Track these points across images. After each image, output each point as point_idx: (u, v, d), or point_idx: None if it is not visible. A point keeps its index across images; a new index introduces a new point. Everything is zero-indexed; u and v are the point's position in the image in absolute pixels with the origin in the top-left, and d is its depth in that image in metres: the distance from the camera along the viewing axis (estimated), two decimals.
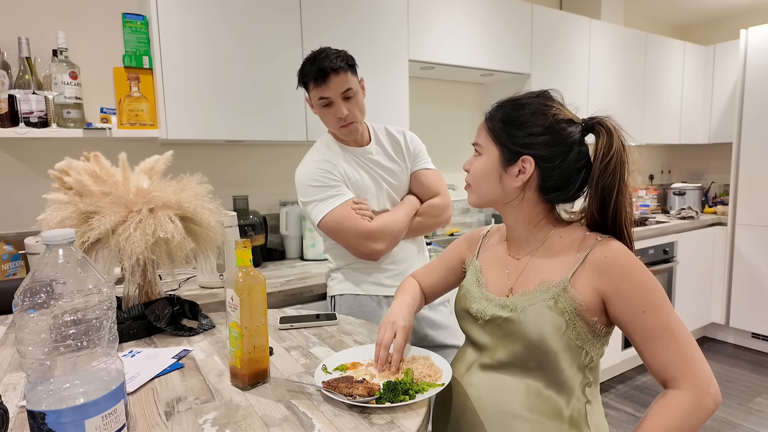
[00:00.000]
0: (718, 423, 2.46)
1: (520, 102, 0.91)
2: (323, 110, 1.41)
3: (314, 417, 0.78)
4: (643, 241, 2.98)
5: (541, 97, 0.91)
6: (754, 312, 3.29)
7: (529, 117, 0.89)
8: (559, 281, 0.87)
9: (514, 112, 0.90)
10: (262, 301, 0.89)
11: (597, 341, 0.87)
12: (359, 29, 2.11)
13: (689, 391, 0.78)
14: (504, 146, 0.90)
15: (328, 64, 1.34)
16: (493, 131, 0.91)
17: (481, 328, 0.95)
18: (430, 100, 2.85)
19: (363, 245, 1.39)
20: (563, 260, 0.89)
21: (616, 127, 0.88)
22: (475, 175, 0.95)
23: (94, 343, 0.68)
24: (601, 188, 0.86)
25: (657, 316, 0.80)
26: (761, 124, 3.20)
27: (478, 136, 0.96)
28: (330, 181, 1.41)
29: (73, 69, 1.69)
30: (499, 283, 0.97)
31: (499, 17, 2.59)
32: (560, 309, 0.85)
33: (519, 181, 0.90)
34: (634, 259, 0.84)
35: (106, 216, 1.09)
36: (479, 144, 0.95)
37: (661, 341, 0.80)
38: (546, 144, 0.87)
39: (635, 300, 0.81)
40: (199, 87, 1.78)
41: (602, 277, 0.84)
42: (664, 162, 4.36)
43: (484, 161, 0.93)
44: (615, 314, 0.84)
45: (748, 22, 3.93)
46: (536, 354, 0.86)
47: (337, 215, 1.37)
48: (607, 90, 3.20)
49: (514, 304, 0.89)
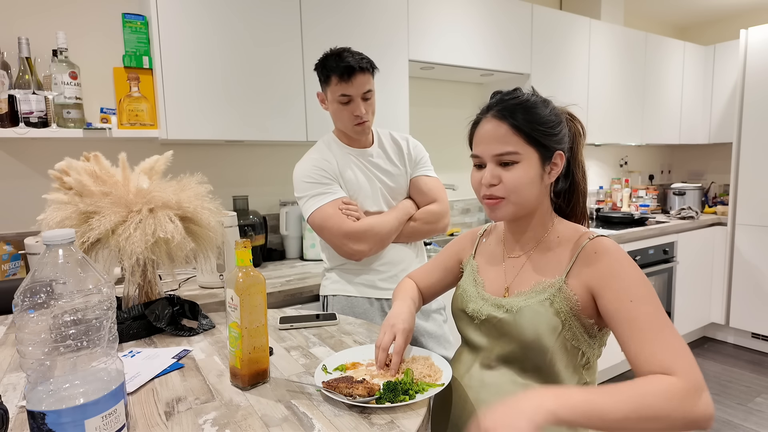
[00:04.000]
0: (718, 423, 2.46)
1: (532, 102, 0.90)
2: (341, 107, 1.41)
3: (314, 417, 0.78)
4: (643, 241, 2.97)
5: (536, 94, 0.93)
6: (754, 312, 3.29)
7: (551, 113, 0.90)
8: (554, 281, 0.87)
9: (538, 111, 0.89)
10: (262, 301, 0.89)
11: (593, 342, 0.87)
12: (360, 29, 2.11)
13: (680, 379, 0.70)
14: (542, 147, 0.88)
15: (356, 62, 1.35)
16: (531, 134, 0.87)
17: (477, 328, 0.95)
18: (430, 100, 2.85)
19: (345, 245, 1.40)
20: (558, 259, 0.90)
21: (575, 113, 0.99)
22: (518, 185, 0.87)
23: (94, 343, 0.68)
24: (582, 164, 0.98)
25: (645, 307, 0.77)
26: (761, 124, 3.20)
27: (503, 146, 0.87)
28: (323, 178, 1.43)
29: (73, 69, 1.69)
30: (496, 283, 0.97)
31: (499, 17, 2.59)
32: (556, 309, 0.85)
33: (553, 176, 0.92)
34: (622, 254, 0.84)
35: (106, 216, 1.09)
36: (515, 152, 0.87)
37: (648, 333, 0.75)
38: (566, 137, 0.92)
39: (622, 291, 0.80)
40: (199, 87, 1.78)
41: (591, 271, 0.84)
42: (664, 162, 4.36)
43: (526, 167, 0.87)
44: (603, 307, 0.82)
45: (748, 22, 3.93)
46: (532, 354, 0.86)
47: (323, 212, 1.40)
48: (606, 90, 3.20)
49: (510, 305, 0.89)
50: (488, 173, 0.89)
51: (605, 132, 3.23)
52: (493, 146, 0.88)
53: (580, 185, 0.99)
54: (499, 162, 0.88)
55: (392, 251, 1.50)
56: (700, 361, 3.21)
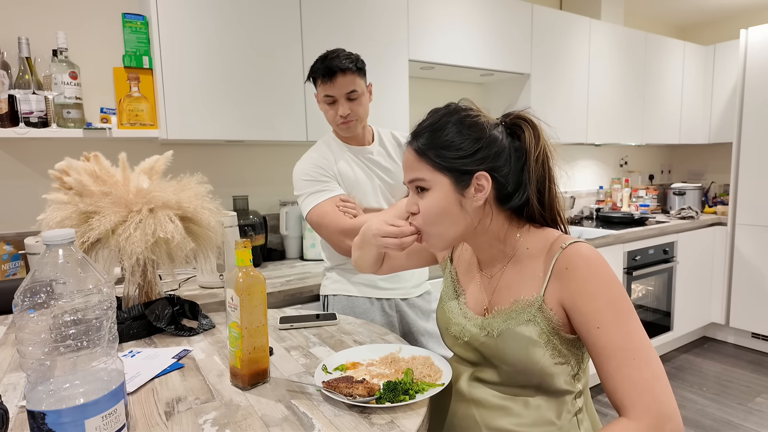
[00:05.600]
0: (718, 423, 2.46)
1: (442, 122, 0.85)
2: (326, 107, 1.46)
3: (314, 417, 0.78)
4: (643, 241, 2.97)
5: (457, 112, 0.86)
6: (754, 312, 3.29)
7: (465, 132, 0.84)
8: (532, 300, 0.83)
9: (446, 133, 0.84)
10: (262, 302, 0.89)
11: (580, 353, 0.85)
12: (359, 30, 2.11)
13: (635, 423, 0.70)
14: (454, 171, 0.83)
15: (337, 63, 1.38)
16: (435, 160, 0.83)
17: (463, 347, 0.93)
18: (430, 100, 2.85)
19: (341, 241, 1.41)
20: (533, 274, 0.85)
21: (537, 118, 0.88)
22: (431, 214, 0.85)
23: (94, 343, 0.68)
24: (537, 180, 0.86)
25: (610, 335, 0.74)
26: (761, 124, 3.20)
27: (412, 172, 0.86)
28: (321, 176, 1.45)
29: (73, 69, 1.69)
30: (475, 299, 0.94)
31: (499, 17, 2.59)
32: (538, 331, 0.81)
33: (480, 199, 0.84)
34: (596, 268, 0.78)
35: (106, 216, 1.09)
36: (422, 179, 0.85)
37: (612, 362, 0.73)
38: (494, 153, 0.84)
39: (589, 314, 0.76)
40: (200, 87, 1.78)
41: (563, 288, 0.80)
42: (664, 162, 4.36)
43: (437, 194, 0.84)
44: (575, 327, 0.80)
45: (748, 22, 3.93)
46: (519, 376, 0.84)
47: (321, 210, 1.42)
48: (606, 90, 3.20)
49: (491, 326, 0.86)
50: (409, 200, 0.89)
51: (605, 132, 3.23)
52: (406, 173, 0.88)
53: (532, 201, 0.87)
54: (415, 189, 0.88)
55: None
56: (700, 360, 3.21)
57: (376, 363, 0.97)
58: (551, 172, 0.87)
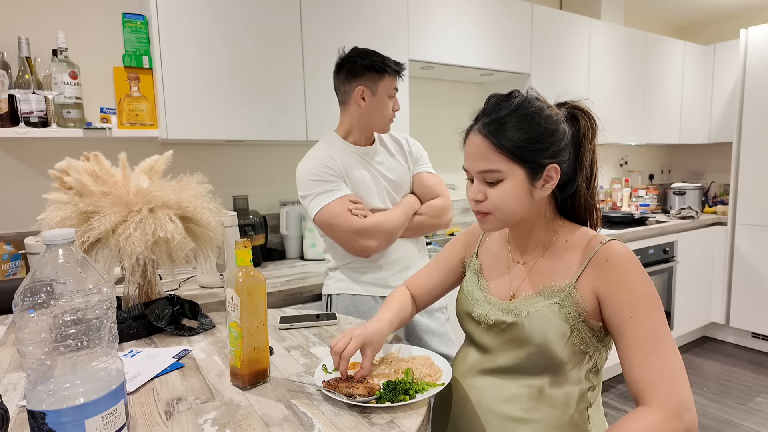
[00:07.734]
0: (718, 423, 2.46)
1: (524, 113, 0.85)
2: (388, 101, 1.48)
3: (314, 417, 0.78)
4: (643, 241, 2.97)
5: (530, 103, 0.87)
6: (754, 312, 3.29)
7: (546, 123, 0.85)
8: (563, 285, 0.86)
9: (527, 124, 0.84)
10: (262, 301, 0.89)
11: (601, 346, 0.87)
12: (359, 29, 2.11)
13: (657, 410, 0.73)
14: (529, 163, 0.84)
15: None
16: (513, 152, 0.84)
17: (484, 332, 0.94)
18: (430, 100, 2.85)
19: (355, 241, 1.40)
20: (568, 264, 0.88)
21: (589, 107, 0.93)
22: (503, 202, 0.86)
23: (94, 343, 0.68)
24: (588, 168, 0.91)
25: (643, 325, 0.78)
26: (761, 123, 3.20)
27: (485, 162, 0.85)
28: (328, 176, 1.42)
29: (73, 69, 1.69)
30: (501, 287, 0.96)
31: (499, 17, 2.59)
32: (565, 314, 0.84)
33: (548, 189, 0.87)
34: (635, 263, 0.83)
35: (106, 216, 1.09)
36: (498, 170, 0.85)
37: (641, 351, 0.77)
38: (563, 146, 0.87)
39: (625, 304, 0.80)
40: (200, 87, 1.78)
41: (600, 278, 0.83)
42: (664, 162, 4.36)
43: (511, 185, 0.85)
44: (606, 317, 0.83)
45: (748, 22, 3.93)
46: (540, 359, 0.86)
47: (331, 210, 1.39)
48: (607, 90, 3.20)
49: (518, 309, 0.88)
50: (474, 189, 0.89)
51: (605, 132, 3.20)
52: (477, 163, 0.87)
53: (581, 189, 0.91)
54: (483, 179, 0.87)
55: (396, 248, 1.50)
56: (700, 360, 3.21)
57: (376, 363, 0.97)
58: (598, 164, 0.93)
